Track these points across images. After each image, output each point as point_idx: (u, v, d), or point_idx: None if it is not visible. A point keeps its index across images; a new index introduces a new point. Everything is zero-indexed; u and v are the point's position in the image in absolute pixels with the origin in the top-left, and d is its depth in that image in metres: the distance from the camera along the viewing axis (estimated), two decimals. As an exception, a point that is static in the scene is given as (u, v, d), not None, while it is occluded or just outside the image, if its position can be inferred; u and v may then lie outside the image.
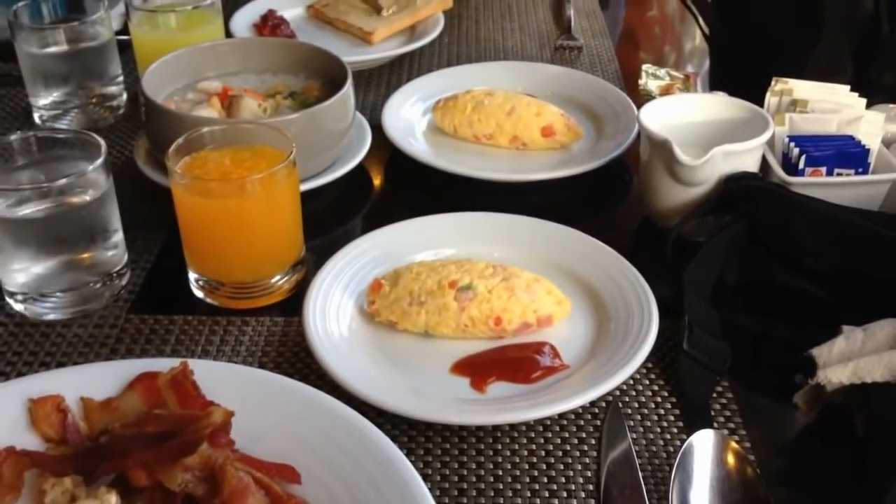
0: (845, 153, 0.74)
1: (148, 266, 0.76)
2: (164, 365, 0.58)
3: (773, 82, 0.83)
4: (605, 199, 0.89)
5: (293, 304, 0.71)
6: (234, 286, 0.72)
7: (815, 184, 0.74)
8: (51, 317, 0.70)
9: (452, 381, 0.64)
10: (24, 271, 0.70)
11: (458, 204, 0.79)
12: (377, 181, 0.91)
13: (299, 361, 0.66)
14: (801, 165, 0.75)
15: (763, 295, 0.73)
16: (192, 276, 0.73)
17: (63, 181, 0.67)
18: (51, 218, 0.68)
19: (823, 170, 0.75)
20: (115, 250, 0.73)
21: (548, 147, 0.91)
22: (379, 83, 1.07)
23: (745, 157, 0.75)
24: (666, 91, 1.00)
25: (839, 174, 0.74)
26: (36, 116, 0.96)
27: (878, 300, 0.64)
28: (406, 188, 0.90)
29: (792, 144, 0.76)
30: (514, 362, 0.65)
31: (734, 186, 0.74)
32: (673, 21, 1.30)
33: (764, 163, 0.77)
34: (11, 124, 0.96)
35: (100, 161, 0.69)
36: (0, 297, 0.72)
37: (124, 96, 0.99)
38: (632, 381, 0.65)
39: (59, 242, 0.69)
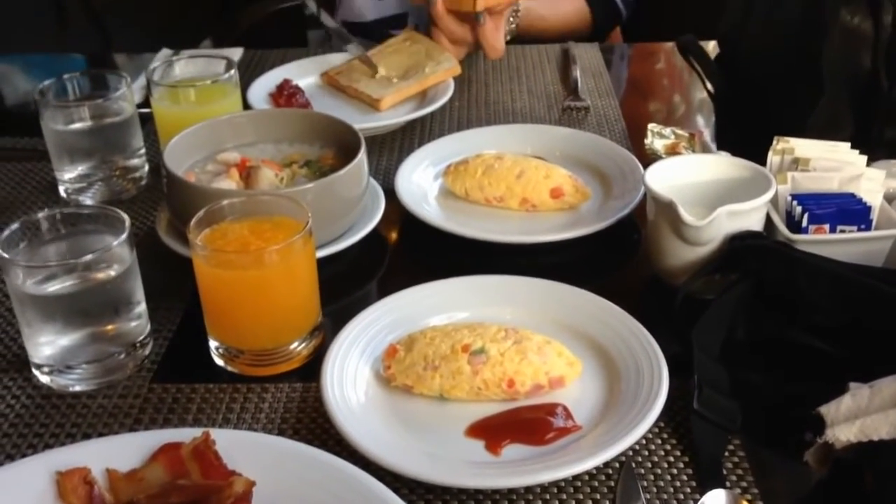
0: (847, 210, 0.76)
1: (170, 335, 0.79)
2: (186, 435, 0.60)
3: (774, 141, 0.85)
4: (614, 257, 0.91)
5: (311, 369, 0.73)
6: (254, 354, 0.74)
7: (819, 241, 0.76)
8: (76, 388, 0.72)
9: (467, 444, 0.65)
10: (50, 344, 0.72)
11: (470, 266, 0.82)
12: (391, 245, 0.93)
13: (318, 427, 0.68)
14: (804, 223, 0.76)
15: (772, 352, 0.74)
16: (212, 344, 0.75)
17: (89, 257, 0.70)
18: (77, 293, 0.70)
19: (826, 227, 0.76)
20: (138, 321, 0.75)
21: (557, 208, 0.93)
22: (392, 148, 1.10)
23: (749, 216, 0.77)
24: (672, 150, 1.02)
25: (842, 231, 0.76)
26: (61, 190, 0.99)
27: (885, 356, 0.66)
28: (420, 251, 0.92)
29: (795, 203, 0.78)
30: (528, 424, 0.67)
31: (739, 245, 0.76)
32: (682, 73, 1.33)
33: (768, 221, 0.79)
34: (38, 198, 1.00)
35: (124, 236, 0.71)
36: (27, 369, 0.74)
37: (146, 168, 1.02)
38: (644, 441, 0.66)
39: (85, 316, 0.71)
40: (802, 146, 0.84)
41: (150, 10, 3.94)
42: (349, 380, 0.69)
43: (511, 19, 1.30)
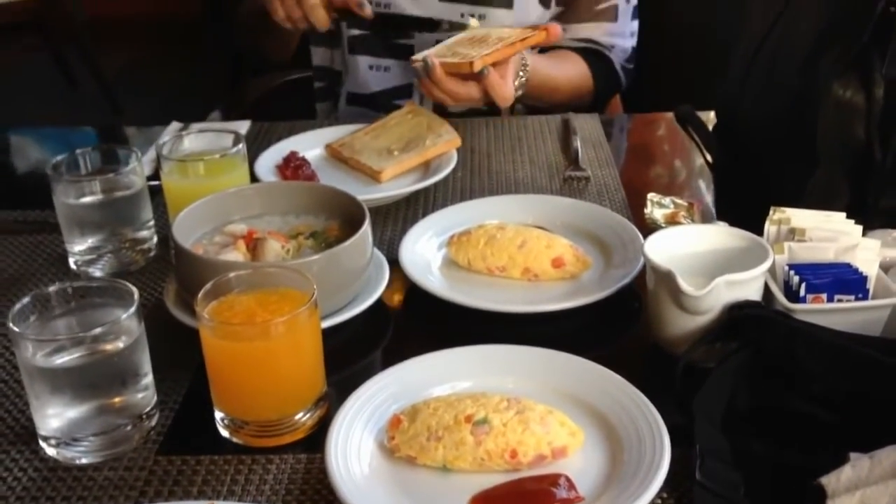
0: (843, 280, 0.77)
1: (176, 406, 0.79)
2: (191, 508, 0.60)
3: (771, 211, 0.87)
4: (616, 326, 0.92)
5: (316, 439, 0.74)
6: (259, 425, 0.75)
7: (817, 310, 0.77)
8: (83, 461, 0.73)
9: (471, 516, 0.66)
10: (58, 416, 0.73)
11: (473, 335, 0.83)
12: (395, 315, 0.94)
13: (322, 499, 0.68)
14: (802, 293, 0.78)
15: (773, 420, 0.75)
16: (218, 415, 0.76)
17: (98, 330, 0.71)
18: (85, 365, 0.72)
19: (824, 296, 0.77)
20: (145, 392, 0.76)
21: (559, 277, 0.95)
22: (396, 218, 1.12)
23: (747, 285, 0.78)
24: (671, 219, 1.04)
25: (839, 300, 0.77)
26: (71, 262, 1.01)
27: (885, 426, 0.66)
28: (424, 321, 0.94)
29: (792, 272, 0.79)
30: (531, 495, 0.67)
31: (738, 314, 0.77)
32: (681, 142, 1.35)
33: (766, 290, 0.80)
34: (48, 270, 1.01)
35: (132, 309, 0.73)
36: (34, 441, 0.75)
37: (155, 239, 1.04)
38: (647, 512, 0.66)
39: (93, 388, 0.72)
40: (798, 216, 0.86)
41: (159, 82, 4.03)
42: (353, 451, 0.70)
43: (521, 73, 1.32)
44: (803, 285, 0.77)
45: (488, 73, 1.23)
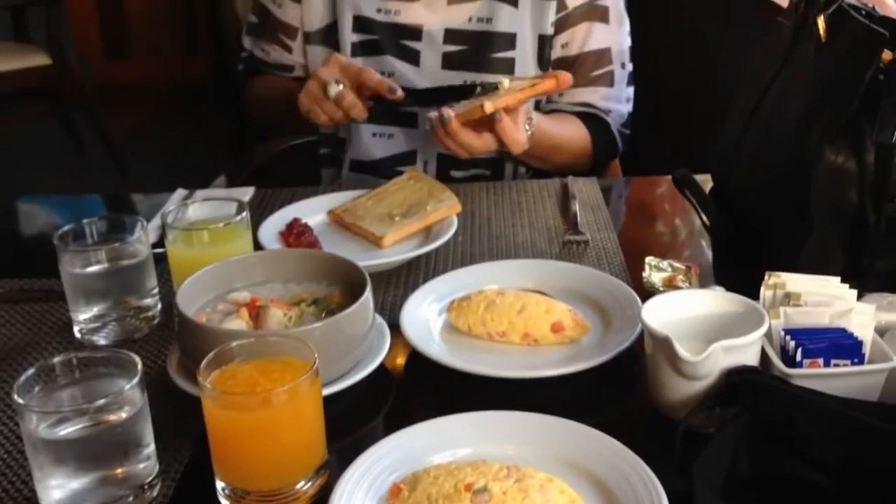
0: (839, 345, 0.78)
1: (177, 476, 0.80)
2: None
3: (766, 276, 0.88)
4: (615, 390, 0.93)
5: (317, 509, 0.74)
6: (260, 494, 0.75)
7: (814, 375, 0.78)
8: (85, 531, 0.73)
9: (471, 586, 0.66)
10: (60, 488, 0.73)
11: (474, 400, 0.84)
12: (397, 381, 0.95)
13: (322, 570, 0.68)
14: (798, 357, 0.78)
15: (774, 486, 0.75)
16: (219, 485, 0.76)
17: (101, 402, 0.72)
18: (88, 437, 0.72)
19: (821, 361, 0.78)
20: (147, 462, 0.76)
21: (558, 342, 0.96)
22: (397, 283, 1.13)
23: (744, 350, 0.79)
24: (669, 283, 1.05)
25: (836, 365, 0.78)
26: (76, 330, 1.02)
27: (883, 491, 0.66)
28: (425, 387, 0.94)
29: (788, 337, 0.80)
30: (531, 565, 0.67)
31: (736, 380, 0.78)
32: (672, 211, 1.37)
33: (764, 355, 0.81)
34: (52, 339, 1.02)
35: (135, 380, 0.74)
36: (37, 512, 0.75)
37: (159, 307, 1.06)
38: (648, 581, 0.66)
39: (95, 459, 0.73)
40: (793, 281, 0.87)
41: (166, 147, 4.10)
42: (354, 521, 0.70)
43: (527, 127, 1.34)
44: (799, 350, 0.78)
45: (501, 117, 1.24)
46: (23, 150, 3.98)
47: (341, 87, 1.32)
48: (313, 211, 1.29)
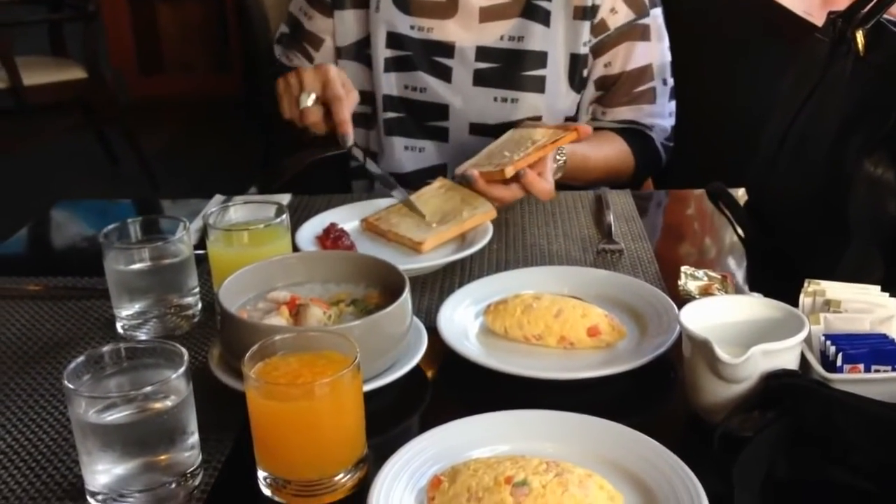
0: (880, 351, 0.78)
1: (219, 466, 0.81)
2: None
3: (806, 284, 0.88)
4: (651, 395, 0.93)
5: (355, 500, 0.75)
6: (300, 484, 0.76)
7: (855, 380, 0.78)
8: (128, 517, 0.75)
9: (511, 578, 0.66)
10: (106, 472, 0.74)
11: (509, 402, 0.84)
12: (433, 381, 0.96)
13: (362, 559, 0.69)
14: (838, 363, 0.78)
15: (813, 490, 0.75)
16: (261, 474, 0.77)
17: (148, 388, 0.74)
18: (135, 423, 0.74)
19: (861, 367, 0.78)
20: (190, 452, 0.77)
21: (594, 346, 0.96)
22: (433, 288, 1.14)
23: (784, 355, 0.79)
24: (705, 291, 1.05)
25: (877, 370, 0.78)
26: (118, 326, 1.04)
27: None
28: (460, 387, 0.95)
29: (829, 342, 0.80)
30: (571, 559, 0.67)
31: (776, 383, 0.78)
32: (712, 217, 1.38)
33: (803, 360, 0.81)
34: (96, 333, 1.04)
35: (182, 369, 0.75)
36: (81, 497, 0.76)
37: (199, 306, 1.07)
38: (687, 578, 0.66)
39: (141, 445, 0.74)
40: (833, 289, 0.87)
41: (197, 161, 4.15)
42: (394, 511, 0.71)
43: (557, 157, 1.36)
44: (840, 355, 0.78)
45: (525, 173, 1.27)
46: (58, 162, 4.06)
47: (311, 103, 1.32)
48: (349, 217, 1.30)
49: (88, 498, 0.76)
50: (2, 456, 0.83)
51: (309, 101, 1.32)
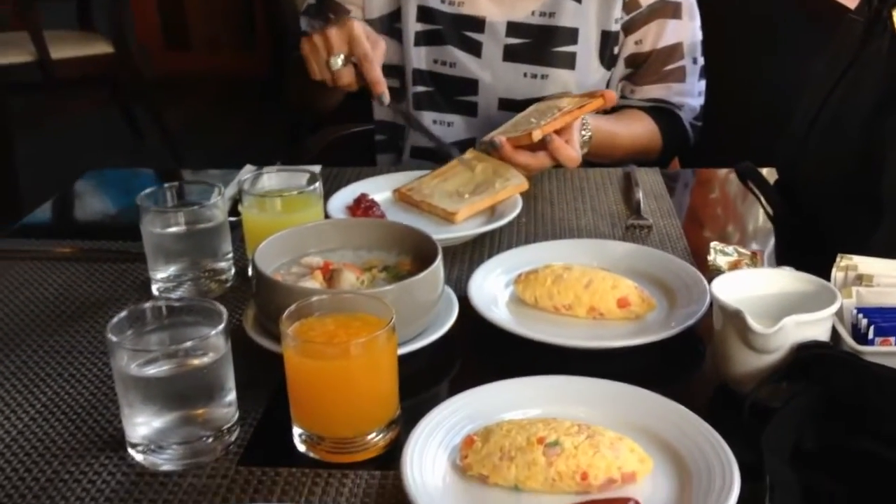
0: (912, 324, 0.78)
1: (254, 423, 0.82)
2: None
3: (838, 258, 0.88)
4: (680, 365, 0.94)
5: (387, 459, 0.77)
6: (335, 441, 0.77)
7: (887, 353, 0.78)
8: (166, 467, 0.76)
9: (542, 535, 0.67)
10: (145, 425, 0.76)
11: (539, 369, 0.85)
12: (463, 348, 0.97)
13: (396, 513, 0.71)
14: (870, 335, 0.79)
15: (842, 460, 0.75)
16: (296, 430, 0.79)
17: (188, 344, 0.75)
18: (175, 377, 0.75)
19: (892, 339, 0.79)
20: (227, 408, 0.79)
21: (623, 317, 0.97)
22: (463, 259, 1.15)
23: (815, 326, 0.79)
24: (734, 266, 1.06)
25: (908, 343, 0.78)
26: (154, 288, 1.06)
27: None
28: (490, 354, 0.96)
29: (860, 315, 0.80)
30: (602, 517, 0.68)
31: (806, 354, 0.78)
32: (735, 202, 1.38)
33: (834, 333, 0.82)
34: (132, 294, 1.06)
35: (221, 326, 0.77)
36: (122, 448, 0.78)
37: (232, 271, 1.09)
38: (716, 540, 0.67)
39: (180, 399, 0.76)
40: (865, 263, 0.87)
41: (221, 139, 4.16)
42: (427, 467, 0.72)
43: (583, 132, 1.36)
44: (872, 328, 0.79)
45: (552, 139, 1.27)
46: (83, 135, 4.08)
47: (341, 63, 1.31)
48: (379, 189, 1.31)
49: (129, 449, 0.78)
50: (44, 409, 0.85)
51: (339, 62, 1.32)
